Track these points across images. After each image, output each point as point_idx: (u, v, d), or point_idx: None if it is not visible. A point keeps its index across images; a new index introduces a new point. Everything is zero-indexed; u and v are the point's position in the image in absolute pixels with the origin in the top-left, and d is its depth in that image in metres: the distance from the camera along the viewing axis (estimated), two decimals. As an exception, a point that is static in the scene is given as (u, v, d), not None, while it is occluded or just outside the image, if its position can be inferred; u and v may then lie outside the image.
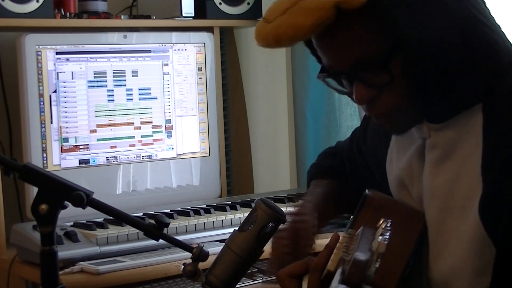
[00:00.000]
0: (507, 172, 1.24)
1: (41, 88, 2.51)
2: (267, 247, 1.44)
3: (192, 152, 2.82)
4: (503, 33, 1.34)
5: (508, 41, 1.34)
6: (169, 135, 2.77)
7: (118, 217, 1.49)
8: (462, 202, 1.30)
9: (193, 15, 2.78)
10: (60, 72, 2.55)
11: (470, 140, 1.30)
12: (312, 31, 1.26)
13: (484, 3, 1.34)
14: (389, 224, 1.19)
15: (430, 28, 1.24)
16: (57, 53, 2.54)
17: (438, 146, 1.34)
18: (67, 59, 2.57)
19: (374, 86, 1.29)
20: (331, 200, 1.63)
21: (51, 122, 2.53)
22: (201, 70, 2.83)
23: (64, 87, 2.56)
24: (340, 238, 1.30)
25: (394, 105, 1.30)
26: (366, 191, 1.45)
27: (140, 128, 2.71)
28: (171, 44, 2.77)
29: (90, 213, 2.03)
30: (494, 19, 1.33)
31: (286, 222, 1.47)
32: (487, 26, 1.29)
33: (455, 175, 1.31)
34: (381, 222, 1.20)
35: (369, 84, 1.29)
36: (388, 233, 1.16)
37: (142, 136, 2.72)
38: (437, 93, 1.29)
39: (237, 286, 1.44)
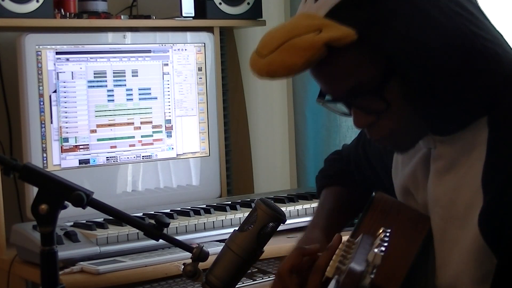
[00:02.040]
0: (508, 185, 1.24)
1: (41, 88, 2.51)
2: (267, 247, 1.44)
3: (192, 152, 2.82)
4: (506, 43, 1.33)
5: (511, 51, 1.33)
6: (169, 135, 2.77)
7: (118, 217, 1.49)
8: (463, 212, 1.30)
9: (193, 15, 2.78)
10: (60, 72, 2.55)
11: (474, 152, 1.30)
12: (304, 69, 1.27)
13: (482, 14, 1.32)
14: (387, 234, 1.19)
15: (424, 50, 1.24)
16: (57, 53, 2.54)
17: (443, 157, 1.34)
18: (67, 59, 2.57)
19: (371, 112, 1.30)
20: (342, 209, 1.63)
21: (51, 122, 2.53)
22: (201, 70, 2.83)
23: (64, 87, 2.56)
24: (340, 245, 1.31)
25: (394, 128, 1.31)
26: (373, 193, 1.45)
27: (140, 128, 2.71)
28: (171, 44, 2.77)
29: (90, 213, 2.02)
30: (494, 30, 1.32)
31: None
32: (487, 40, 1.28)
33: (457, 185, 1.32)
34: (380, 231, 1.20)
35: (366, 110, 1.30)
36: (386, 244, 1.16)
37: (142, 136, 2.72)
38: (440, 110, 1.28)
39: (237, 286, 1.44)
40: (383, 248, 1.13)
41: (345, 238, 1.36)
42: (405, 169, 1.45)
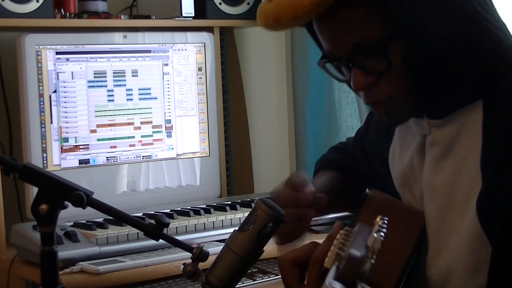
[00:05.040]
0: (504, 168, 1.24)
1: (41, 88, 2.51)
2: (267, 247, 1.44)
3: (192, 152, 2.82)
4: (507, 31, 1.33)
5: None
6: (169, 135, 2.77)
7: (118, 217, 1.49)
8: (463, 198, 1.30)
9: (193, 15, 2.78)
10: (60, 72, 2.55)
11: (470, 136, 1.30)
12: (311, 10, 1.26)
13: (490, 0, 1.33)
14: (385, 221, 1.19)
15: (429, 17, 1.24)
16: (57, 53, 2.54)
17: (438, 143, 1.34)
18: (67, 59, 2.57)
19: (372, 72, 1.29)
20: (334, 188, 1.62)
21: (51, 122, 2.53)
22: (201, 70, 2.83)
23: (64, 87, 2.56)
24: (338, 235, 1.30)
25: (391, 93, 1.30)
26: (367, 190, 1.45)
27: (140, 128, 2.71)
28: (171, 44, 2.77)
29: (90, 213, 2.03)
30: (499, 17, 1.33)
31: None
32: (490, 23, 1.29)
33: (455, 171, 1.31)
34: (377, 219, 1.20)
35: (367, 70, 1.29)
36: (384, 230, 1.16)
37: (142, 136, 2.72)
38: (436, 86, 1.29)
39: (237, 286, 1.44)
40: (382, 234, 1.13)
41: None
42: (402, 160, 1.45)
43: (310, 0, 1.25)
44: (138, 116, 2.70)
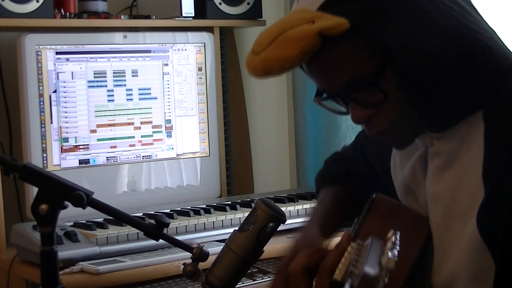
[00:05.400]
0: (506, 177, 1.24)
1: (41, 88, 2.51)
2: (267, 247, 1.44)
3: (192, 152, 2.82)
4: (497, 37, 1.33)
5: (504, 45, 1.33)
6: (169, 135, 2.77)
7: (118, 217, 1.49)
8: (465, 208, 1.30)
9: (193, 15, 2.78)
10: (60, 72, 2.55)
11: (472, 146, 1.30)
12: (299, 61, 1.26)
13: (474, 9, 1.33)
14: (398, 237, 1.19)
15: (417, 40, 1.24)
16: (57, 53, 2.54)
17: (440, 154, 1.34)
18: (67, 59, 2.57)
19: (369, 105, 1.29)
20: (340, 207, 1.63)
21: (51, 122, 2.53)
22: (201, 70, 2.83)
23: (64, 87, 2.56)
24: (349, 248, 1.29)
25: (392, 121, 1.30)
26: (373, 194, 1.45)
27: (140, 128, 2.71)
28: (171, 44, 2.77)
29: (90, 213, 2.03)
30: (487, 25, 1.33)
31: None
32: (478, 33, 1.29)
33: (457, 181, 1.31)
34: (390, 234, 1.20)
35: (364, 104, 1.30)
36: (398, 247, 1.16)
37: (142, 136, 2.72)
38: (435, 103, 1.29)
39: (237, 286, 1.44)
40: (396, 253, 1.13)
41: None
42: (404, 169, 1.45)
43: (297, 52, 1.24)
44: (138, 116, 2.71)
